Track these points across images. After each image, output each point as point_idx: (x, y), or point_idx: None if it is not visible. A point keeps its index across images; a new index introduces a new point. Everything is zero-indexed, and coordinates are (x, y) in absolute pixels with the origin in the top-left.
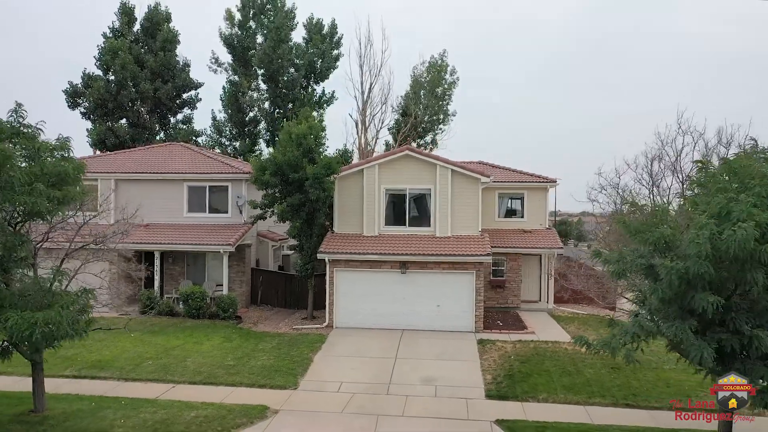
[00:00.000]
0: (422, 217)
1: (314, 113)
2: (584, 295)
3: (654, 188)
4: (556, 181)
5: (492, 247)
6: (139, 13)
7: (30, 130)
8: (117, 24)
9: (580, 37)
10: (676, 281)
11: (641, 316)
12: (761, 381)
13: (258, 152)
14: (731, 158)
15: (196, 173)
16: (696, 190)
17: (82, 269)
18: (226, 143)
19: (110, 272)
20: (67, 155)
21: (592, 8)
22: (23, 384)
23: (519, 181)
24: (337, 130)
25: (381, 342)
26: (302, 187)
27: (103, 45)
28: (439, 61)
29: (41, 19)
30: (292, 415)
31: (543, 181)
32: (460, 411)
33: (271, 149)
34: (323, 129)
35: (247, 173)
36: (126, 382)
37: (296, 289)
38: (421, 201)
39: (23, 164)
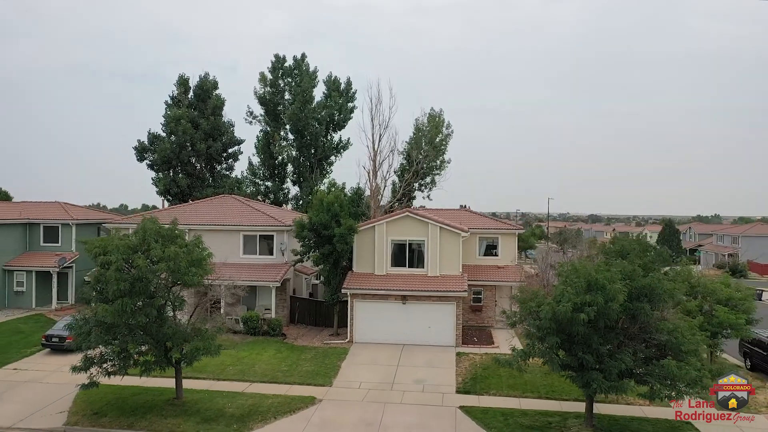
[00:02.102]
0: (418, 261)
1: (338, 184)
2: None
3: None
4: (522, 228)
5: (472, 280)
6: (188, 76)
7: (179, 232)
8: (175, 92)
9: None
10: (537, 330)
11: (528, 345)
12: (593, 384)
13: (286, 190)
14: (575, 261)
15: (250, 225)
16: (558, 279)
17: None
18: (259, 183)
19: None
20: (201, 246)
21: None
22: (151, 382)
23: (495, 228)
24: (351, 170)
25: (388, 353)
26: (331, 241)
27: (167, 113)
28: (437, 118)
29: (55, 22)
30: (330, 402)
31: (513, 229)
32: (438, 401)
33: (297, 188)
34: (345, 195)
35: (288, 226)
36: (218, 381)
37: (323, 312)
38: (417, 248)
39: (182, 257)
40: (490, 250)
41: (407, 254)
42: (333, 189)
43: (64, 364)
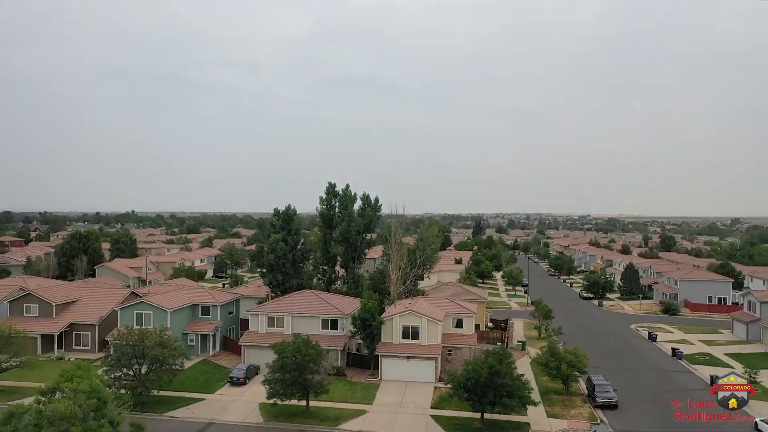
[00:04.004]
0: (416, 336)
1: (374, 294)
2: None
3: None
4: (475, 313)
5: (446, 343)
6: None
7: (313, 341)
8: (275, 221)
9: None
10: (454, 385)
11: (452, 390)
12: (477, 407)
13: (336, 272)
14: (475, 358)
15: (324, 313)
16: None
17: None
18: (319, 267)
19: None
20: (318, 346)
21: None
22: (289, 402)
23: (461, 312)
24: (377, 254)
25: (400, 387)
26: (370, 327)
27: (271, 236)
28: (434, 226)
29: (80, 25)
30: (372, 413)
31: (471, 313)
32: (422, 412)
33: (343, 271)
34: (380, 303)
35: (347, 314)
36: (318, 402)
37: (365, 361)
38: (416, 329)
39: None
40: (459, 323)
41: (410, 332)
42: (372, 296)
43: (243, 392)
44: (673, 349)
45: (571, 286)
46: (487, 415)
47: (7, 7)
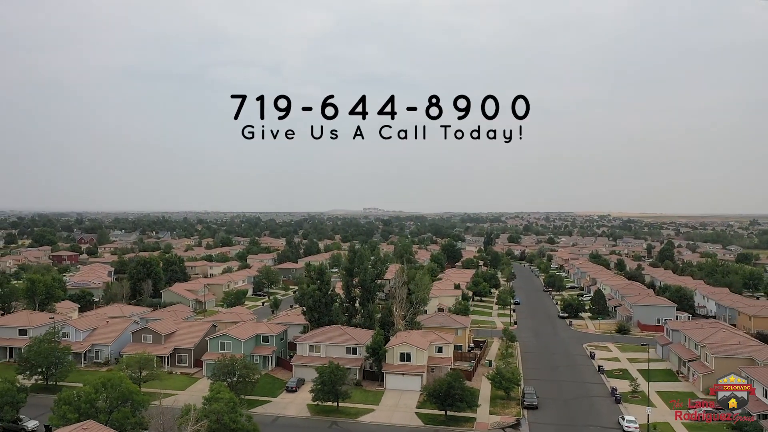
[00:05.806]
0: (409, 359)
1: (381, 331)
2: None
3: None
4: (451, 342)
5: (431, 363)
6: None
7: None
8: (312, 274)
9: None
10: (427, 394)
11: (426, 398)
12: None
13: (357, 308)
14: (437, 377)
15: (347, 343)
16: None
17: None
18: (344, 305)
19: None
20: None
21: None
22: (325, 403)
23: (441, 342)
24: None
25: (398, 393)
26: (378, 353)
27: (308, 286)
28: (426, 275)
29: (105, 26)
30: (379, 410)
31: (450, 342)
32: (410, 410)
33: (361, 308)
34: (386, 341)
35: (363, 344)
36: (344, 403)
37: (375, 374)
38: (409, 354)
39: None
40: (440, 349)
41: (405, 356)
42: (380, 332)
43: (295, 397)
44: (599, 366)
45: (556, 303)
46: (449, 413)
47: (33, 10)
